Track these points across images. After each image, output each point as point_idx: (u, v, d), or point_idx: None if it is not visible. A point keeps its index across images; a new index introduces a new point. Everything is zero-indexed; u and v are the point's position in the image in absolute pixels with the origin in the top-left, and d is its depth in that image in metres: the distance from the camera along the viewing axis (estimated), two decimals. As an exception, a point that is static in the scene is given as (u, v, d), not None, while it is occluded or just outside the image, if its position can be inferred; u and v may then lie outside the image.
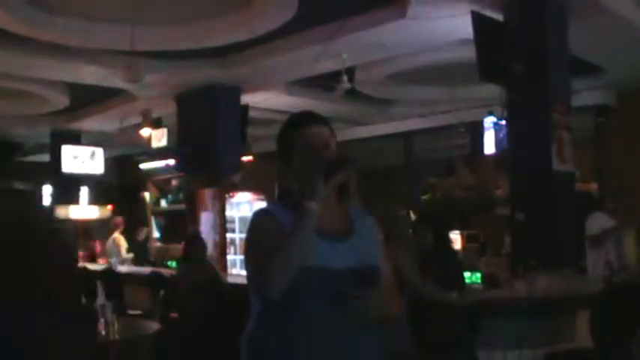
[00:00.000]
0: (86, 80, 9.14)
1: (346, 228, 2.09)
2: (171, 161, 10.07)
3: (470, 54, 6.17)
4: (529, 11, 5.95)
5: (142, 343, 4.69)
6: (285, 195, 2.12)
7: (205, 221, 9.25)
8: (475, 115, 9.05)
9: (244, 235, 2.19)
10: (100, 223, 12.81)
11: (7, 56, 7.86)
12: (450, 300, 4.49)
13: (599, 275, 6.00)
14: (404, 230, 5.31)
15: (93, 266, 9.57)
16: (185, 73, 8.85)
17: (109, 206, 13.31)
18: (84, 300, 8.12)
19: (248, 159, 10.99)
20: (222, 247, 9.00)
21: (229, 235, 9.11)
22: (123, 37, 7.04)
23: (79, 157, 12.15)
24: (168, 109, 10.02)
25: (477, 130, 8.80)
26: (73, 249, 9.16)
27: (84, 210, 12.92)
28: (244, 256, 2.15)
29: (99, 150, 12.45)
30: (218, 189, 9.14)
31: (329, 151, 2.05)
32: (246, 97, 9.68)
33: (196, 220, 9.34)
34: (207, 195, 9.28)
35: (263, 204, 8.44)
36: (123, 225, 11.03)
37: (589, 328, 3.87)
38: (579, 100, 7.32)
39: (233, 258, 9.08)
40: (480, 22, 6.03)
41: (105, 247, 11.28)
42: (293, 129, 2.13)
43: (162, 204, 10.55)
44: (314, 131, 2.10)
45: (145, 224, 10.96)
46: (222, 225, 9.04)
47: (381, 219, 2.30)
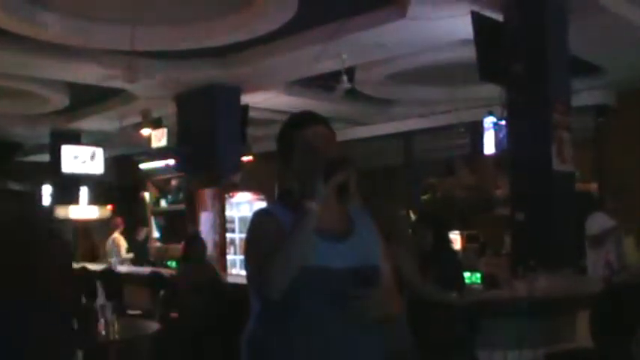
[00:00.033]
0: (86, 80, 9.14)
1: (346, 228, 2.09)
2: (171, 161, 10.07)
3: (470, 54, 6.17)
4: (529, 11, 5.94)
5: (141, 343, 4.69)
6: (285, 195, 2.12)
7: (205, 221, 9.25)
8: (475, 115, 9.05)
9: (244, 235, 2.19)
10: (100, 223, 12.82)
11: (6, 56, 7.86)
12: (450, 300, 4.49)
13: (599, 275, 6.00)
14: (404, 230, 5.31)
15: (93, 266, 9.56)
16: (185, 73, 8.85)
17: (108, 206, 13.31)
18: (84, 300, 8.13)
19: (248, 159, 10.99)
20: (222, 247, 9.00)
21: (229, 235, 9.11)
22: (123, 37, 7.04)
23: (78, 157, 12.14)
24: (168, 109, 10.03)
25: (477, 130, 8.80)
26: (71, 249, 9.15)
27: (84, 210, 12.92)
28: (244, 256, 2.14)
29: (99, 150, 12.44)
30: (218, 189, 9.14)
31: (329, 151, 2.05)
32: (246, 97, 9.68)
33: (196, 220, 9.34)
34: (207, 195, 9.28)
35: (263, 204, 8.44)
36: (123, 225, 11.04)
37: (589, 328, 3.87)
38: (579, 100, 7.32)
39: (233, 258, 9.08)
40: (480, 22, 6.03)
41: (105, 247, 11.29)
42: (293, 129, 2.13)
43: (162, 204, 10.55)
44: (314, 131, 2.09)
45: (145, 224, 10.96)
46: (222, 225, 9.04)
47: (381, 219, 2.30)
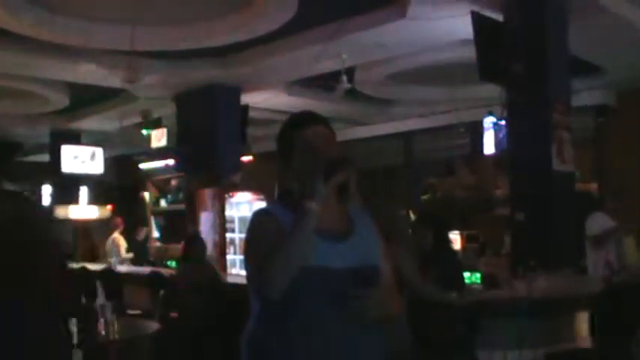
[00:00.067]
0: (86, 80, 9.13)
1: (346, 228, 2.09)
2: (171, 161, 10.07)
3: (470, 54, 6.17)
4: (529, 11, 5.95)
5: (141, 342, 4.69)
6: (285, 195, 2.12)
7: (205, 221, 9.25)
8: (475, 115, 9.05)
9: (244, 235, 2.19)
10: (100, 223, 12.81)
11: (7, 56, 7.86)
12: (450, 300, 4.49)
13: (599, 275, 6.00)
14: (404, 230, 5.32)
15: (93, 266, 9.57)
16: (185, 73, 8.85)
17: (108, 206, 13.31)
18: (84, 300, 8.13)
19: (248, 159, 10.99)
20: (221, 246, 8.99)
21: (229, 235, 9.10)
22: (123, 37, 7.03)
23: (78, 157, 12.14)
24: (168, 109, 10.03)
25: (477, 130, 8.80)
26: (63, 247, 9.12)
27: (84, 210, 12.92)
28: (244, 256, 2.14)
29: (99, 150, 12.44)
30: (218, 189, 9.13)
31: (329, 151, 2.04)
32: (246, 97, 9.68)
33: (196, 220, 9.34)
34: (207, 195, 9.27)
35: (263, 204, 8.43)
36: (122, 225, 11.04)
37: (589, 328, 3.88)
38: (579, 100, 7.32)
39: (233, 258, 9.07)
40: (480, 22, 6.03)
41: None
42: (293, 129, 2.13)
43: (162, 204, 10.54)
44: (314, 131, 2.09)
45: (145, 224, 10.95)
46: (222, 225, 9.04)
47: (381, 219, 2.30)
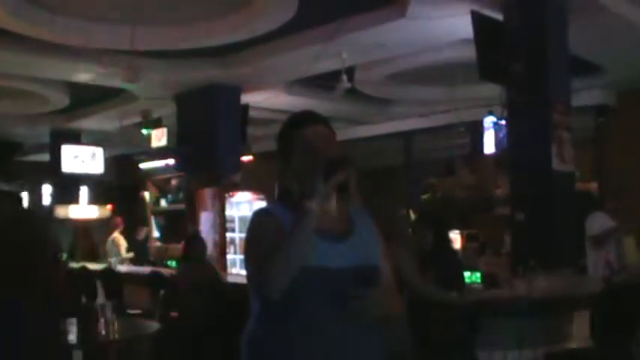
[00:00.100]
0: (86, 80, 9.14)
1: (346, 228, 2.09)
2: (171, 161, 10.06)
3: (470, 54, 6.17)
4: (529, 11, 5.94)
5: (141, 342, 4.69)
6: (285, 195, 2.12)
7: (205, 221, 9.24)
8: (475, 115, 9.04)
9: (244, 235, 2.19)
10: (100, 222, 12.81)
11: (7, 55, 7.86)
12: (450, 300, 4.48)
13: (599, 275, 6.00)
14: (404, 230, 5.31)
15: (93, 266, 9.57)
16: (185, 72, 8.85)
17: (108, 206, 13.31)
18: (84, 299, 8.14)
19: (248, 159, 10.99)
20: (222, 246, 8.99)
21: (229, 235, 9.10)
22: (123, 37, 7.03)
23: (78, 157, 12.14)
24: (168, 108, 10.02)
25: (477, 130, 8.79)
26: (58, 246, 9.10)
27: (84, 210, 12.92)
28: (244, 256, 2.14)
29: (99, 149, 12.44)
30: (218, 189, 9.13)
31: (329, 151, 2.04)
32: (246, 97, 9.68)
33: (196, 220, 9.33)
34: (207, 195, 9.27)
35: (263, 204, 8.43)
36: (122, 225, 11.03)
37: (589, 328, 3.87)
38: (579, 100, 7.31)
39: (233, 257, 9.07)
40: (480, 21, 6.03)
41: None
42: (293, 129, 2.13)
43: (162, 204, 10.53)
44: (314, 131, 2.09)
45: (145, 224, 10.95)
46: (222, 224, 9.03)
47: (381, 219, 2.30)
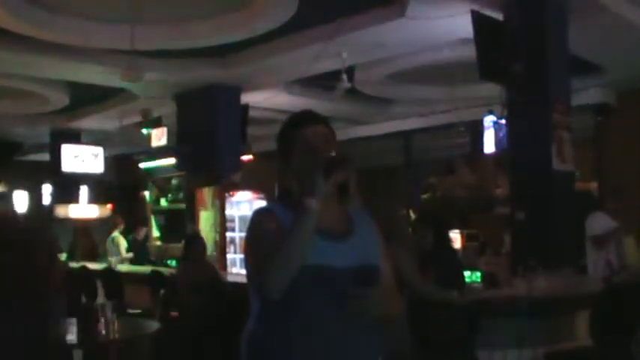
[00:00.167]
0: (86, 79, 9.14)
1: (346, 228, 2.09)
2: (172, 160, 10.07)
3: (470, 53, 6.17)
4: (529, 11, 5.94)
5: (141, 342, 4.69)
6: (285, 194, 2.12)
7: (205, 220, 9.25)
8: (475, 114, 9.04)
9: (244, 234, 2.19)
10: (100, 222, 12.81)
11: (7, 55, 7.86)
12: (450, 299, 4.48)
13: (599, 275, 5.99)
14: (404, 230, 5.31)
15: (93, 265, 9.57)
16: (185, 72, 8.85)
17: (108, 205, 13.30)
18: (84, 299, 8.14)
19: (248, 158, 10.99)
20: (222, 246, 8.99)
21: (229, 234, 9.09)
22: (123, 37, 7.03)
23: (78, 157, 12.14)
24: (168, 108, 10.02)
25: (477, 129, 8.79)
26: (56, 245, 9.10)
27: (84, 209, 12.91)
28: (244, 255, 2.14)
29: (99, 149, 12.44)
30: (218, 188, 9.13)
31: (329, 151, 2.04)
32: (246, 97, 9.68)
33: (196, 219, 9.34)
34: (207, 194, 9.27)
35: (263, 203, 8.43)
36: (122, 224, 11.03)
37: (589, 328, 3.87)
38: (579, 100, 7.32)
39: (233, 257, 9.06)
40: (480, 21, 6.03)
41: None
42: (293, 129, 2.13)
43: (162, 203, 10.54)
44: (314, 131, 2.09)
45: (145, 223, 10.94)
46: (222, 224, 9.04)
47: (381, 219, 2.30)
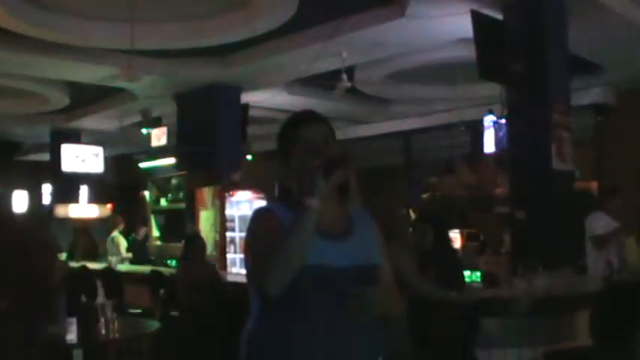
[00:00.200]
0: (86, 79, 9.14)
1: (346, 228, 2.09)
2: (172, 160, 10.06)
3: (469, 53, 6.17)
4: (529, 11, 5.94)
5: (141, 342, 4.69)
6: (285, 194, 2.11)
7: (205, 220, 9.25)
8: (475, 114, 9.04)
9: (244, 234, 2.19)
10: (100, 222, 12.81)
11: (6, 55, 7.86)
12: (450, 299, 4.48)
13: (599, 274, 5.99)
14: (404, 230, 5.31)
15: (93, 265, 9.57)
16: (185, 71, 8.85)
17: (108, 205, 13.30)
18: (84, 299, 8.14)
19: (248, 158, 10.99)
20: (222, 246, 8.99)
21: (229, 234, 9.09)
22: (123, 36, 7.03)
23: (78, 156, 12.14)
24: (168, 107, 10.02)
25: (477, 129, 8.80)
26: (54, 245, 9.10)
27: (84, 209, 12.91)
28: (244, 255, 2.14)
29: (99, 149, 12.44)
30: (218, 188, 9.13)
31: (329, 150, 2.04)
32: (247, 96, 9.68)
33: (196, 219, 9.34)
34: (207, 194, 9.27)
35: (263, 203, 8.43)
36: (122, 224, 11.03)
37: (589, 327, 3.87)
38: (579, 99, 7.32)
39: (233, 257, 9.06)
40: (480, 21, 6.03)
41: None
42: (293, 128, 2.13)
43: (162, 203, 10.54)
44: (314, 130, 2.09)
45: (145, 223, 10.94)
46: (222, 224, 9.04)
47: (381, 219, 2.29)
